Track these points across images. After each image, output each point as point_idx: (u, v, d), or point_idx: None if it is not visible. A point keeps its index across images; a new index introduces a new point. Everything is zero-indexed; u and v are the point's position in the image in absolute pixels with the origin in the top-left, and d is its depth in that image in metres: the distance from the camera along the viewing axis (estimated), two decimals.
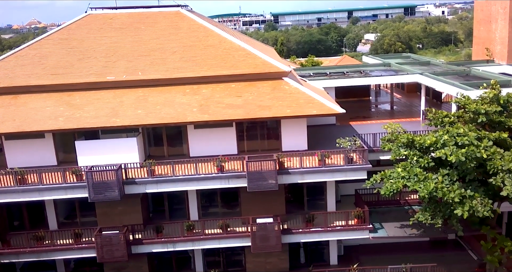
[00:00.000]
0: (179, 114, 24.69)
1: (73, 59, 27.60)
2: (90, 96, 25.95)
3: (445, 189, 21.10)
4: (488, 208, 20.91)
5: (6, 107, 25.38)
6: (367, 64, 42.50)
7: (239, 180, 23.94)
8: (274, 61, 27.54)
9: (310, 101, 25.34)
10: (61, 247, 24.53)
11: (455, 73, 34.60)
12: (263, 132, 26.61)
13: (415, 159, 22.63)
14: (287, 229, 25.10)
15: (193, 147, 26.10)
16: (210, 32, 29.51)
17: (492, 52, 41.73)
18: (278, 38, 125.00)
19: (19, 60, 27.62)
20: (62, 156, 25.94)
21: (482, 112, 22.86)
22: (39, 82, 26.28)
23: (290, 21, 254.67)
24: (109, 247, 23.68)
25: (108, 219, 24.86)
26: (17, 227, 26.67)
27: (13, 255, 24.47)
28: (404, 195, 28.29)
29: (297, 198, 27.45)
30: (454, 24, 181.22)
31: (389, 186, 22.46)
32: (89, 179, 22.85)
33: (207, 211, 26.96)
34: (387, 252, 28.01)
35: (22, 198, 23.69)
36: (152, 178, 23.79)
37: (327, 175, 24.34)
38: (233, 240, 25.08)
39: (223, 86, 26.46)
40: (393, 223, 26.40)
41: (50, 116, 24.73)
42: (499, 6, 40.55)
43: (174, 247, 24.95)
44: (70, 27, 29.60)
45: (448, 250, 28.57)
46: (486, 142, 21.37)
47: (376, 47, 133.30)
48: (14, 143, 25.34)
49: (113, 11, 31.23)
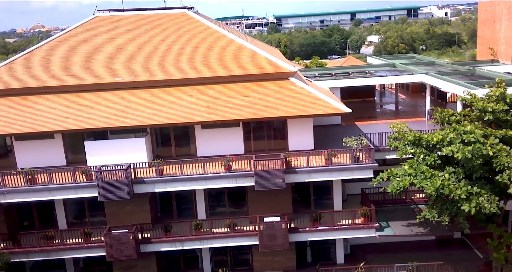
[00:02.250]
0: (187, 114, 24.94)
1: (81, 60, 27.91)
2: (98, 97, 26.24)
3: (451, 186, 21.25)
4: (495, 204, 21.08)
5: (16, 108, 25.69)
6: (372, 65, 42.73)
7: (246, 179, 24.15)
8: (280, 61, 27.78)
9: (316, 101, 25.55)
10: (71, 246, 24.80)
11: (460, 72, 34.75)
12: (270, 132, 26.82)
13: (422, 156, 22.77)
14: (294, 228, 25.27)
15: (201, 147, 26.34)
16: (216, 33, 29.77)
17: (496, 52, 41.84)
18: (281, 40, 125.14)
19: (29, 62, 27.95)
20: (71, 156, 26.23)
21: (489, 111, 22.99)
22: (48, 83, 26.60)
23: (293, 24, 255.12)
24: (118, 246, 23.94)
25: (117, 218, 25.10)
26: (27, 227, 26.97)
27: (23, 254, 24.74)
28: (410, 194, 28.44)
29: (303, 197, 27.62)
30: (457, 25, 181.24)
31: (396, 183, 22.63)
32: (99, 178, 23.10)
33: (215, 210, 27.17)
34: (393, 250, 28.15)
35: (33, 197, 23.97)
36: (160, 177, 24.03)
37: (333, 174, 24.52)
38: (241, 239, 25.28)
39: (230, 86, 26.70)
40: (400, 222, 26.51)
41: (59, 117, 25.02)
42: (503, 6, 40.70)
43: (182, 246, 25.17)
44: (78, 29, 29.93)
45: (454, 248, 28.68)
46: (492, 140, 21.53)
47: (380, 49, 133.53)
48: (23, 144, 25.66)
49: (120, 13, 31.51)
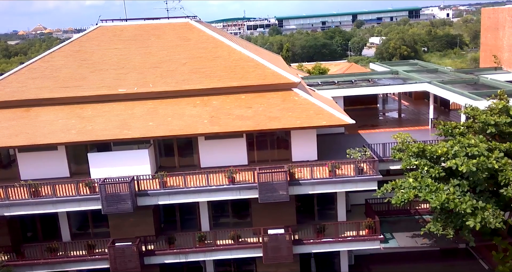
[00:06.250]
0: (190, 126, 24.89)
1: (84, 71, 27.89)
2: (101, 109, 26.22)
3: (456, 200, 21.18)
4: (500, 219, 21.02)
5: (18, 120, 25.68)
6: (374, 72, 42.61)
7: (250, 191, 24.06)
8: (283, 72, 27.70)
9: (320, 112, 25.47)
10: (75, 258, 24.77)
11: (464, 81, 34.62)
12: (273, 143, 26.77)
13: (426, 168, 22.71)
14: (298, 240, 25.17)
15: (204, 158, 26.30)
16: (219, 43, 29.73)
17: (500, 60, 41.71)
18: (283, 42, 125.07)
19: (31, 73, 27.94)
20: (74, 167, 26.21)
21: (492, 123, 22.93)
22: (51, 95, 26.59)
23: (295, 25, 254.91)
24: (122, 259, 23.88)
25: (120, 231, 25.05)
26: (31, 238, 26.93)
27: (27, 267, 24.68)
28: (415, 204, 28.36)
29: (307, 208, 27.50)
30: (459, 26, 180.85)
31: (400, 195, 22.58)
32: (102, 191, 23.04)
33: (218, 221, 27.09)
34: (397, 261, 28.00)
35: (36, 210, 23.92)
36: (164, 190, 23.96)
37: (337, 186, 24.41)
38: (245, 251, 25.19)
39: (233, 97, 26.65)
40: (404, 233, 26.47)
41: (62, 128, 24.99)
42: (506, 14, 40.59)
43: (186, 258, 25.10)
44: (81, 39, 29.93)
45: (459, 259, 28.52)
46: (497, 153, 21.45)
47: (381, 51, 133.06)
48: (27, 155, 25.64)
49: (123, 23, 31.52)
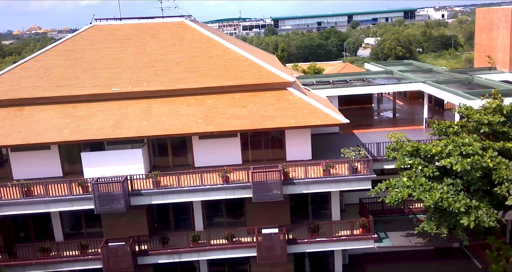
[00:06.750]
0: (184, 125, 24.81)
1: (78, 70, 27.75)
2: (95, 108, 26.08)
3: (450, 199, 21.18)
4: (494, 218, 21.03)
5: (11, 119, 25.52)
6: (369, 72, 42.66)
7: (244, 190, 23.99)
8: (278, 71, 27.66)
9: (314, 111, 25.45)
10: (67, 258, 24.61)
11: (458, 81, 34.70)
12: (268, 142, 26.72)
13: (420, 168, 22.70)
14: (292, 239, 25.12)
15: (198, 157, 26.21)
16: (213, 42, 29.66)
17: (494, 60, 41.83)
18: (279, 43, 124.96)
19: (24, 72, 27.78)
20: (67, 167, 26.06)
21: (485, 123, 22.97)
22: (44, 94, 26.43)
23: (290, 26, 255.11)
24: (115, 259, 23.75)
25: (113, 230, 24.93)
26: (23, 238, 26.75)
27: (19, 267, 24.50)
28: (409, 203, 28.36)
29: (301, 207, 27.46)
30: (454, 27, 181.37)
31: (394, 195, 22.54)
32: (95, 191, 22.91)
33: (212, 221, 27.01)
34: (391, 260, 28.01)
35: (28, 210, 23.74)
36: (157, 189, 23.85)
37: (332, 185, 24.39)
38: (239, 250, 25.12)
39: (228, 96, 26.59)
40: (398, 232, 26.45)
41: (55, 128, 24.85)
42: (501, 14, 40.71)
43: (179, 258, 24.99)
44: (75, 39, 29.78)
45: (452, 258, 28.55)
46: (491, 152, 21.47)
47: (377, 52, 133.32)
48: (19, 155, 25.46)
49: (117, 22, 31.38)
